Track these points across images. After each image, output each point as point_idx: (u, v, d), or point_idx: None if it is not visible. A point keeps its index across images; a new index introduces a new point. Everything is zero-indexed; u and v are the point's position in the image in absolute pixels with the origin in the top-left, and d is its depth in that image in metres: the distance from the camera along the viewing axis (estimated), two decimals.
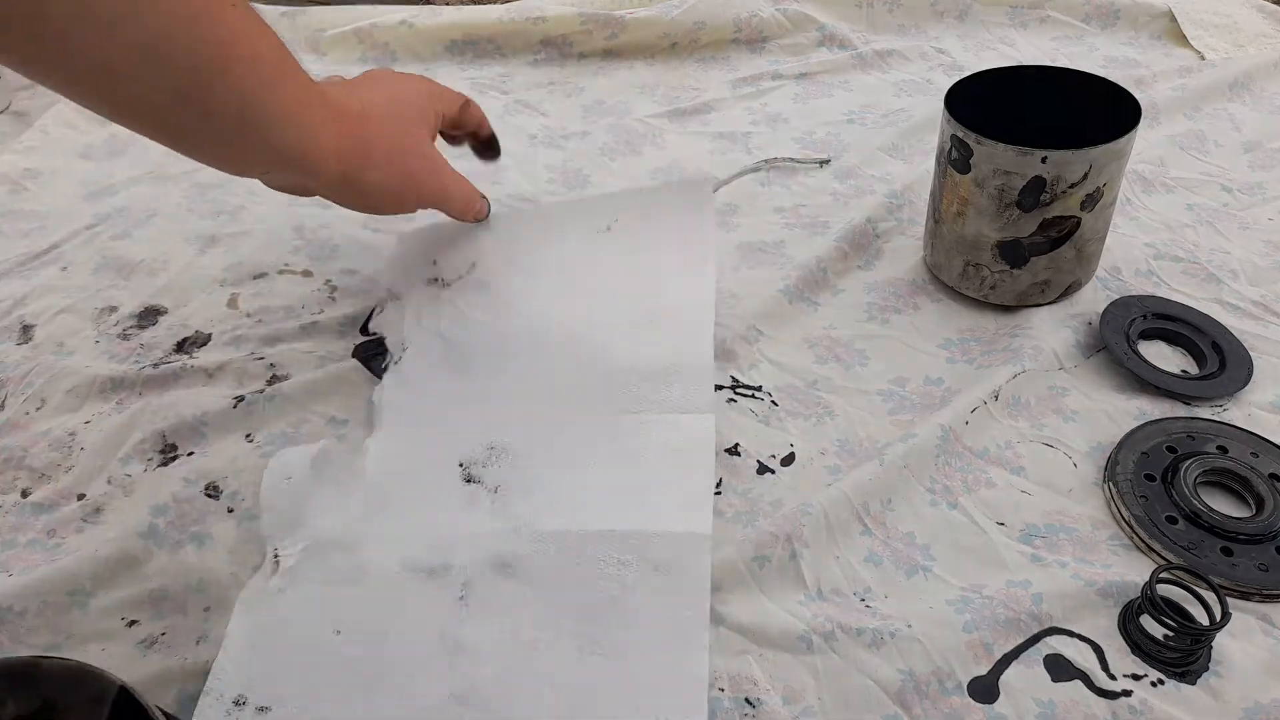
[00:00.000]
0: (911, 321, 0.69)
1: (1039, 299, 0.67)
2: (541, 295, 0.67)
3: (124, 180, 0.87)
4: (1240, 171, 0.84)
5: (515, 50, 1.06)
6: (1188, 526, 0.53)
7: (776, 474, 0.58)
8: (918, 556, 0.53)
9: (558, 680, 0.46)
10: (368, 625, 0.49)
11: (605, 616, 0.49)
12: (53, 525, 0.56)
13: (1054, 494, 0.56)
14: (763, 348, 0.67)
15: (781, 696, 0.47)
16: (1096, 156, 0.60)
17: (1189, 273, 0.72)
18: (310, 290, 0.74)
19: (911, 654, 0.48)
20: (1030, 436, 0.59)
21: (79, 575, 0.52)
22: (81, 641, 0.50)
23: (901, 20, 1.08)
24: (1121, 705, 0.46)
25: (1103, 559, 0.52)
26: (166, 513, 0.56)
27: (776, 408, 0.62)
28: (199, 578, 0.53)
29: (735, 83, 1.00)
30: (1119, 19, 1.07)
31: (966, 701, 0.46)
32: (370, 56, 1.07)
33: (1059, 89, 0.68)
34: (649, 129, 0.92)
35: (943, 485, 0.56)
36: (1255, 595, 0.50)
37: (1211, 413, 0.60)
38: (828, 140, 0.90)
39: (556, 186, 0.85)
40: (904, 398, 0.63)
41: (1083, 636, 0.49)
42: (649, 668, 0.47)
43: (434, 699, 0.46)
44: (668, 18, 1.04)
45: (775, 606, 0.50)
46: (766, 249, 0.76)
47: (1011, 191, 0.62)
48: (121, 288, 0.74)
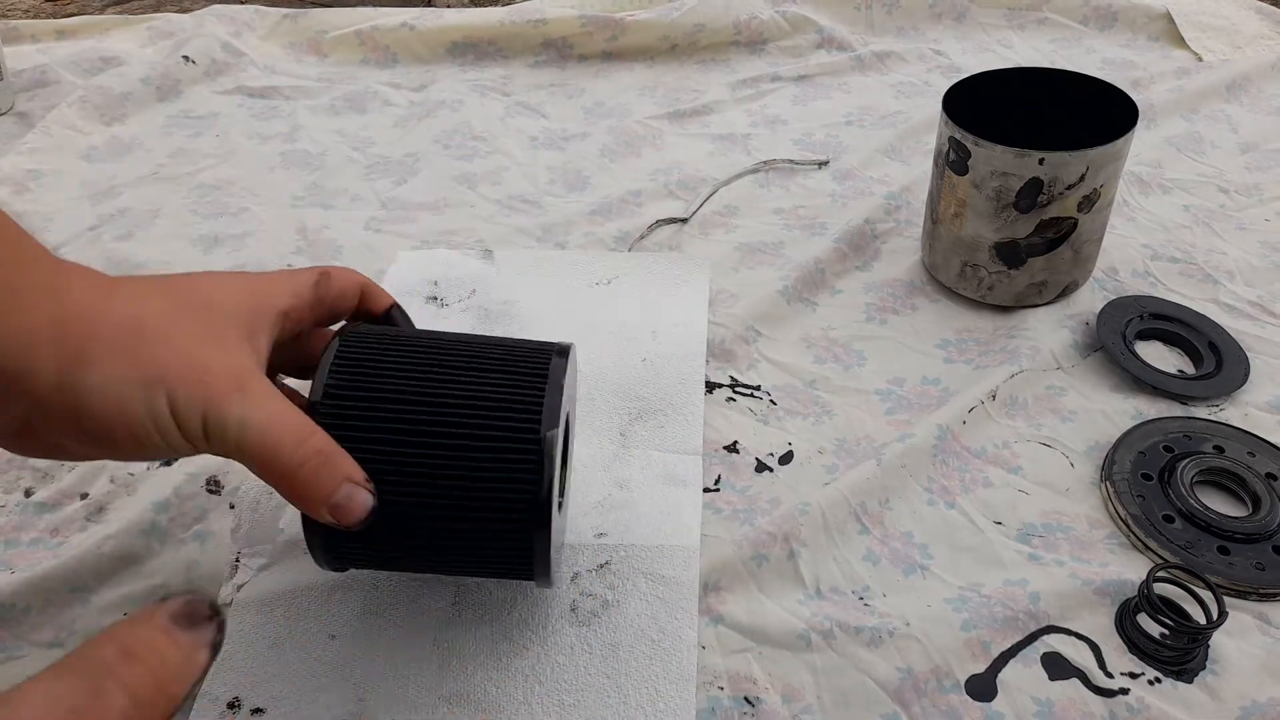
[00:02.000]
0: (909, 322, 0.69)
1: (1036, 299, 0.68)
2: (539, 328, 0.68)
3: (127, 182, 0.88)
4: (1237, 173, 0.84)
5: (516, 52, 1.06)
6: (1184, 525, 0.53)
7: (775, 472, 0.58)
8: (916, 555, 0.53)
9: (547, 680, 0.47)
10: (362, 631, 0.49)
11: (595, 617, 0.49)
12: (56, 524, 0.56)
13: (1051, 493, 0.56)
14: (761, 348, 0.67)
15: (781, 695, 0.47)
16: (1094, 158, 0.61)
17: (1186, 273, 0.72)
18: None
19: (910, 652, 0.48)
20: (1027, 436, 0.60)
21: (81, 572, 0.52)
22: (85, 637, 0.50)
23: (900, 22, 1.09)
24: (1119, 703, 0.46)
25: (1100, 558, 0.52)
26: (168, 509, 0.56)
27: (775, 407, 0.62)
28: (201, 574, 0.53)
29: (734, 85, 1.00)
30: (1116, 21, 1.07)
31: (964, 699, 0.46)
32: (371, 58, 1.07)
33: (1056, 91, 0.69)
34: (649, 131, 0.93)
35: (940, 484, 0.57)
36: (1252, 594, 0.50)
37: (1208, 412, 0.61)
38: (826, 142, 0.90)
39: (557, 188, 0.85)
40: (902, 397, 0.63)
41: (1080, 635, 0.49)
42: (637, 667, 0.47)
43: (424, 701, 0.46)
44: (668, 20, 1.04)
45: (774, 605, 0.50)
46: (765, 250, 0.76)
47: (1009, 193, 0.63)
48: None
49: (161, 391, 0.35)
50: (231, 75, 1.05)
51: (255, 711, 0.46)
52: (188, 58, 1.04)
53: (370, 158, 0.91)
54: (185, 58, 1.04)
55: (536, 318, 0.69)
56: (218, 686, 0.47)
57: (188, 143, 0.94)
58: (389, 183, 0.87)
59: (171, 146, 0.93)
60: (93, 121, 0.96)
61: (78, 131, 0.95)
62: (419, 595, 0.51)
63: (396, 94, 1.01)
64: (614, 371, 0.64)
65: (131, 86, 1.00)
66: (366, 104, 0.99)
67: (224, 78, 1.04)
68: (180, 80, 1.02)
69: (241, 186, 0.87)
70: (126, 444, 0.36)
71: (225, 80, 1.04)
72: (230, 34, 1.09)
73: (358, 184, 0.87)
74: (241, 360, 0.38)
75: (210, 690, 0.47)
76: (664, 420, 0.60)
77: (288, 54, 1.09)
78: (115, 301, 0.36)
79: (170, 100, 1.01)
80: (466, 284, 0.72)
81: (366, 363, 0.41)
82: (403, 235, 0.80)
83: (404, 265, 0.74)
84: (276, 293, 0.41)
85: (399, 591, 0.51)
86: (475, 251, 0.75)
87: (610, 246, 0.77)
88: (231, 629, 0.49)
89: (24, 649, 0.50)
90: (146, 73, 1.01)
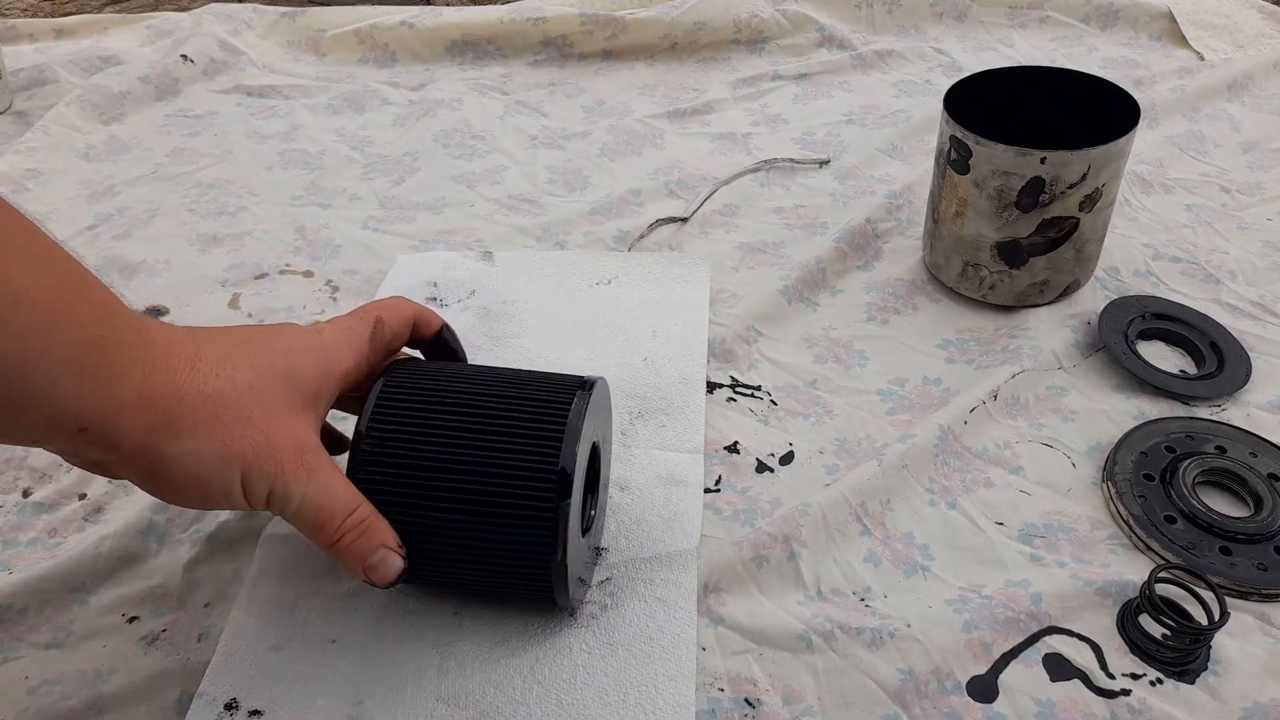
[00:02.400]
0: (910, 322, 0.69)
1: (1038, 299, 0.67)
2: (539, 328, 0.68)
3: (125, 181, 0.88)
4: (1239, 172, 0.84)
5: (516, 51, 1.06)
6: (1186, 526, 0.53)
7: (775, 473, 0.58)
8: (917, 556, 0.53)
9: (545, 680, 0.47)
10: (361, 636, 0.49)
11: (594, 619, 0.49)
12: (54, 525, 0.56)
13: (1053, 494, 0.56)
14: (762, 347, 0.67)
15: (781, 696, 0.47)
16: (1095, 157, 0.60)
17: (1187, 273, 0.72)
18: (311, 291, 0.74)
19: (911, 653, 0.48)
20: (1029, 436, 0.60)
21: (79, 572, 0.52)
22: (82, 638, 0.50)
23: (901, 21, 1.09)
24: (1120, 704, 0.46)
25: (1101, 558, 0.52)
26: (167, 508, 0.56)
27: (776, 407, 0.62)
28: (199, 574, 0.53)
29: (735, 83, 1.00)
30: (1118, 19, 1.07)
31: (966, 701, 0.46)
32: (370, 57, 1.07)
33: (1058, 90, 0.69)
34: (649, 129, 0.92)
35: (941, 485, 0.57)
36: (1254, 595, 0.50)
37: (1210, 412, 0.60)
38: (827, 141, 0.90)
39: (557, 187, 0.85)
40: (903, 397, 0.63)
41: (1081, 636, 0.49)
42: (636, 667, 0.47)
43: (422, 702, 0.46)
44: (668, 18, 1.04)
45: (774, 607, 0.50)
46: (766, 249, 0.76)
47: (1010, 192, 0.62)
48: (123, 288, 0.74)
49: (237, 467, 0.39)
50: (230, 74, 1.04)
51: (253, 713, 0.46)
52: (186, 57, 1.04)
53: (369, 157, 0.91)
54: (183, 57, 1.04)
55: (537, 318, 0.68)
56: (216, 688, 0.47)
57: (186, 142, 0.94)
58: (387, 182, 0.87)
59: (170, 146, 0.93)
60: (91, 121, 0.96)
61: (76, 131, 0.94)
62: (420, 601, 0.51)
63: (395, 93, 1.00)
64: (615, 371, 0.63)
65: (130, 85, 0.99)
66: (365, 103, 0.99)
67: (222, 77, 1.04)
68: (178, 79, 1.02)
69: (240, 186, 0.87)
70: (194, 500, 0.40)
71: (223, 79, 1.04)
72: (228, 33, 1.09)
73: (356, 183, 0.87)
74: (306, 433, 0.42)
75: (208, 691, 0.47)
76: (665, 420, 0.60)
77: (286, 53, 1.09)
78: (198, 375, 0.39)
79: (168, 99, 1.01)
80: (466, 284, 0.72)
81: (401, 426, 0.45)
82: (401, 235, 0.79)
83: (402, 267, 0.74)
84: (341, 355, 0.45)
85: (400, 598, 0.51)
86: (474, 253, 0.75)
87: (610, 246, 0.77)
88: (231, 632, 0.49)
89: (22, 650, 0.50)
90: (145, 72, 1.01)
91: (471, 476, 0.44)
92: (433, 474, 0.44)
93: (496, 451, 0.44)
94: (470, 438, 0.45)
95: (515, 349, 0.66)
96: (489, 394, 0.47)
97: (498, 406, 0.46)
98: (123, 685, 0.48)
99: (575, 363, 0.64)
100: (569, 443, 0.44)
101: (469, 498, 0.44)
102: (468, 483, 0.44)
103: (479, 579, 0.47)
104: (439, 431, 0.45)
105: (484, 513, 0.44)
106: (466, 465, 0.44)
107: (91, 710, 0.47)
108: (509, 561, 0.45)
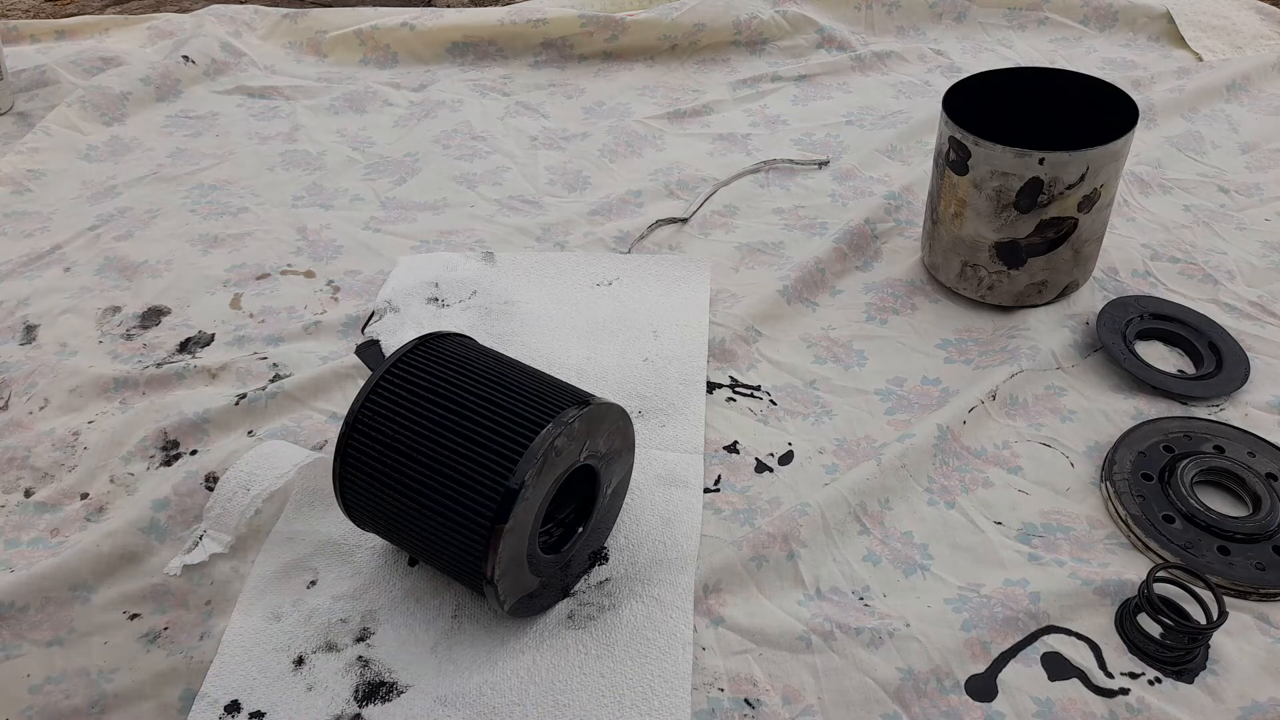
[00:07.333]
0: (909, 322, 0.69)
1: (1036, 299, 0.68)
2: (540, 328, 0.68)
3: (126, 181, 0.88)
4: (1237, 173, 0.84)
5: (516, 52, 1.06)
6: (1185, 525, 0.53)
7: (775, 472, 0.58)
8: (916, 556, 0.53)
9: (542, 681, 0.47)
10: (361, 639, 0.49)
11: (592, 621, 0.50)
12: (56, 524, 0.56)
13: (1051, 493, 0.56)
14: (761, 348, 0.67)
15: (781, 696, 0.47)
16: (1094, 158, 0.61)
17: (1186, 273, 0.72)
18: (313, 291, 0.74)
19: (910, 653, 0.48)
20: (1028, 436, 0.60)
21: (80, 570, 0.52)
22: (83, 635, 0.50)
23: (900, 22, 1.09)
24: (1119, 703, 0.46)
25: (1100, 558, 0.52)
26: (167, 507, 0.56)
27: (775, 407, 0.62)
28: (200, 572, 0.53)
29: (735, 84, 1.00)
30: (1117, 20, 1.07)
31: (965, 700, 0.46)
32: (371, 58, 1.07)
33: (1057, 91, 0.69)
34: (649, 130, 0.93)
35: (940, 485, 0.57)
36: (1252, 594, 0.50)
37: (1208, 412, 0.60)
38: (827, 142, 0.90)
39: (557, 188, 0.85)
40: (902, 397, 0.63)
41: (1080, 635, 0.49)
42: (633, 667, 0.47)
43: (421, 704, 0.46)
44: (668, 20, 1.04)
45: (774, 606, 0.50)
46: (765, 250, 0.76)
47: (1009, 193, 0.62)
48: (124, 288, 0.74)
49: None
50: (231, 75, 1.05)
51: (255, 715, 0.46)
52: (187, 57, 1.04)
53: (370, 157, 0.91)
54: (185, 57, 1.04)
55: (538, 318, 0.69)
56: (217, 689, 0.47)
57: (187, 142, 0.94)
58: (389, 182, 0.87)
59: (171, 146, 0.93)
60: (92, 121, 0.96)
61: (77, 131, 0.94)
62: (420, 605, 0.51)
63: (396, 94, 1.01)
64: (615, 371, 0.64)
65: (131, 86, 0.99)
66: (366, 104, 0.99)
67: (223, 78, 1.04)
68: (180, 80, 1.02)
69: (241, 186, 0.87)
70: None
71: (225, 80, 1.04)
72: (230, 34, 1.09)
73: (357, 184, 0.87)
74: None
75: (210, 693, 0.47)
76: (665, 419, 0.60)
77: (287, 54, 1.09)
78: None
79: (170, 100, 1.01)
80: (467, 285, 0.72)
81: (398, 402, 0.49)
82: (402, 235, 0.80)
83: (404, 269, 0.74)
84: None
85: (401, 602, 0.51)
86: (476, 254, 0.75)
87: (610, 246, 0.77)
88: (233, 634, 0.50)
89: (23, 647, 0.50)
90: (146, 72, 1.01)
91: (430, 473, 0.47)
92: (404, 458, 0.48)
93: (460, 457, 0.47)
94: (443, 435, 0.47)
95: (516, 349, 0.66)
96: (481, 397, 0.48)
97: (479, 413, 0.47)
98: (125, 683, 0.48)
99: (576, 362, 0.64)
100: (524, 465, 0.45)
101: (425, 491, 0.47)
102: (426, 477, 0.47)
103: (430, 558, 0.50)
104: (421, 421, 0.48)
105: (431, 509, 0.47)
106: (428, 460, 0.47)
107: (94, 708, 0.47)
108: (452, 564, 0.48)
